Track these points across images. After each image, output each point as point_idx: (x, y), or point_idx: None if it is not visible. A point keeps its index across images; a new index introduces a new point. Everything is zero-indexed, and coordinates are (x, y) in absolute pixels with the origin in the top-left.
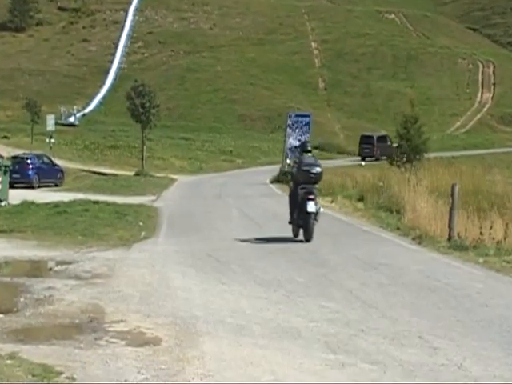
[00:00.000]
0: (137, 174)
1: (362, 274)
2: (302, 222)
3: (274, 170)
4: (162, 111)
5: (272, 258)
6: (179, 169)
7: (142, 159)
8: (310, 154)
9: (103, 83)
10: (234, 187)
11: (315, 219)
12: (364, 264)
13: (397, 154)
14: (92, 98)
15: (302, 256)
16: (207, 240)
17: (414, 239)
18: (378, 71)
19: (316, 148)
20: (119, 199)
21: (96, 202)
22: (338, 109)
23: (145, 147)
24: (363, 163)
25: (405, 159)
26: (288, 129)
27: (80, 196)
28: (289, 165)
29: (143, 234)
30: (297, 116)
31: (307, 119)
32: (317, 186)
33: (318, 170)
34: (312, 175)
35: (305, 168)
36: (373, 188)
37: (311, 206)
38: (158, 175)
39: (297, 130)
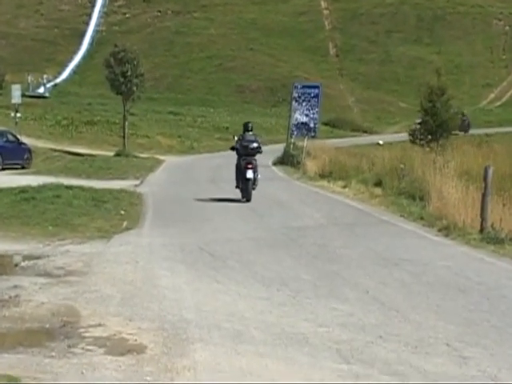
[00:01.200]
0: (117, 155)
1: (379, 270)
2: (243, 186)
3: (278, 150)
4: (146, 81)
5: (275, 252)
6: (167, 148)
7: (124, 137)
8: (250, 133)
9: (77, 48)
10: (231, 170)
11: (254, 184)
12: (382, 259)
13: (420, 131)
14: (64, 65)
15: (310, 250)
16: (199, 231)
17: (440, 230)
18: (398, 35)
19: (326, 124)
20: (97, 184)
21: (69, 187)
22: (351, 79)
23: (127, 123)
24: (381, 142)
25: (430, 137)
26: (294, 102)
27: (51, 180)
28: (294, 144)
29: (125, 224)
30: (304, 87)
31: (316, 91)
32: (255, 157)
33: (255, 145)
34: (250, 149)
35: (245, 144)
36: (392, 171)
37: (249, 174)
38: (142, 156)
39: (304, 104)
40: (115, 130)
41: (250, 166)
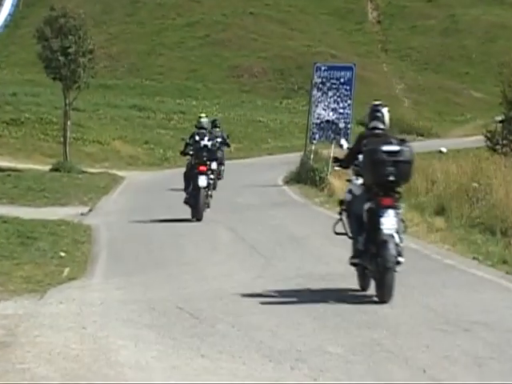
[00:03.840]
0: (55, 169)
1: (441, 339)
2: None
3: (292, 161)
4: (98, 61)
5: (288, 311)
6: (128, 160)
7: (65, 144)
8: (217, 129)
9: None
10: (223, 192)
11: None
12: (445, 322)
13: (503, 133)
14: None
15: (340, 309)
16: (176, 281)
17: None
18: None
19: (362, 124)
20: (25, 212)
21: None
22: (400, 56)
23: (69, 123)
24: (444, 149)
25: None
26: (315, 91)
27: None
28: (315, 152)
29: (66, 271)
30: (330, 69)
31: (348, 74)
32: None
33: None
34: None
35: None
36: (461, 193)
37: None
38: (91, 171)
39: (330, 93)
40: (52, 134)
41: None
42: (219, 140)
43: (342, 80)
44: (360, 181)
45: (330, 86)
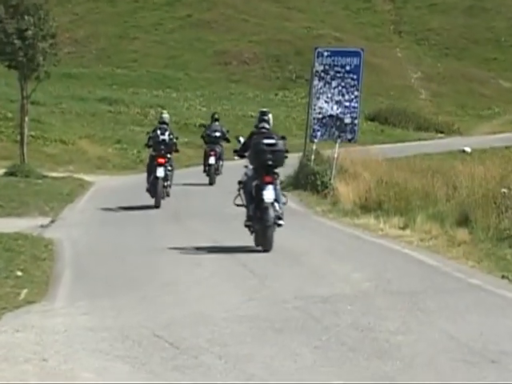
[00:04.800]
0: (10, 174)
1: (464, 372)
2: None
3: (289, 163)
4: (62, 46)
5: (284, 340)
6: (97, 162)
7: (22, 143)
8: (217, 123)
9: None
10: (208, 199)
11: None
12: (470, 353)
13: None
14: None
15: (346, 337)
16: (153, 306)
17: None
18: None
19: (372, 120)
20: None
21: None
22: (416, 40)
23: (26, 119)
24: (468, 149)
25: None
26: (317, 81)
27: None
28: (317, 153)
29: (24, 293)
30: (334, 54)
31: (355, 61)
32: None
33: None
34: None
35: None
36: (488, 200)
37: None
38: (53, 175)
39: (334, 84)
40: (6, 132)
41: (212, 153)
42: (218, 134)
43: (347, 68)
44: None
45: (333, 74)
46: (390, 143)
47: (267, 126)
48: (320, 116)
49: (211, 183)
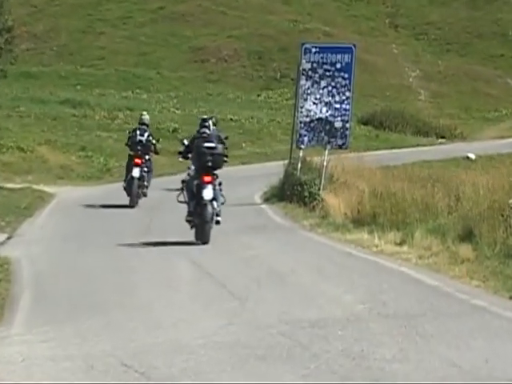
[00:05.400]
0: None
1: None
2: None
3: (273, 172)
4: (19, 41)
5: (268, 368)
6: (59, 172)
7: None
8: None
9: None
10: (183, 210)
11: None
12: (473, 380)
13: None
14: None
15: (336, 365)
16: (122, 332)
17: None
18: None
19: (365, 124)
20: None
21: None
22: (414, 34)
23: None
24: (472, 155)
25: None
26: (304, 79)
27: None
28: (303, 160)
29: None
30: (324, 51)
31: (347, 58)
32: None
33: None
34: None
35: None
36: (494, 212)
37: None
38: (10, 186)
39: (323, 83)
40: None
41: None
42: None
43: (338, 66)
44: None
45: (322, 73)
46: (386, 149)
47: (208, 131)
48: (307, 119)
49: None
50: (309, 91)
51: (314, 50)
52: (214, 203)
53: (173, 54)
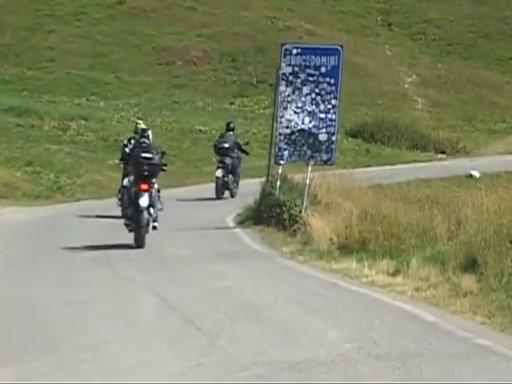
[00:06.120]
0: None
1: None
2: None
3: (249, 191)
4: None
5: None
6: (2, 190)
7: None
8: (231, 133)
9: None
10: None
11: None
12: None
13: None
14: None
15: None
16: (72, 375)
17: None
18: None
19: (354, 136)
20: None
21: None
22: (410, 34)
23: None
24: (476, 173)
25: None
26: (283, 85)
27: None
28: (283, 178)
29: None
30: (306, 52)
31: (333, 60)
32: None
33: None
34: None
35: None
36: (501, 238)
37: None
38: None
39: (306, 90)
40: None
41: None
42: (227, 146)
43: (323, 70)
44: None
45: (305, 78)
46: (377, 166)
47: (147, 141)
48: (288, 131)
49: (218, 197)
50: (289, 99)
51: (295, 51)
52: (151, 210)
53: (133, 56)
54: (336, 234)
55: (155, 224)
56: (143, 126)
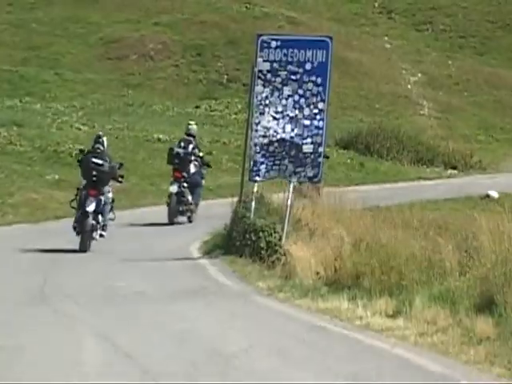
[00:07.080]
0: None
1: None
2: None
3: (216, 214)
4: None
5: None
6: None
7: None
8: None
9: None
10: (91, 268)
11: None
12: None
13: None
14: None
15: None
16: None
17: None
18: None
19: (345, 148)
20: None
21: None
22: (414, 24)
23: None
24: (494, 193)
25: None
26: (260, 85)
27: None
28: (259, 198)
29: None
30: (288, 45)
31: (320, 55)
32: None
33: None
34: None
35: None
36: None
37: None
38: None
39: (287, 91)
40: None
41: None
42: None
43: (308, 66)
44: None
45: (286, 76)
46: (374, 184)
47: (101, 147)
48: (265, 141)
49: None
50: (267, 101)
51: (274, 43)
52: (99, 217)
53: (77, 49)
54: (323, 267)
55: (103, 233)
56: (194, 127)
